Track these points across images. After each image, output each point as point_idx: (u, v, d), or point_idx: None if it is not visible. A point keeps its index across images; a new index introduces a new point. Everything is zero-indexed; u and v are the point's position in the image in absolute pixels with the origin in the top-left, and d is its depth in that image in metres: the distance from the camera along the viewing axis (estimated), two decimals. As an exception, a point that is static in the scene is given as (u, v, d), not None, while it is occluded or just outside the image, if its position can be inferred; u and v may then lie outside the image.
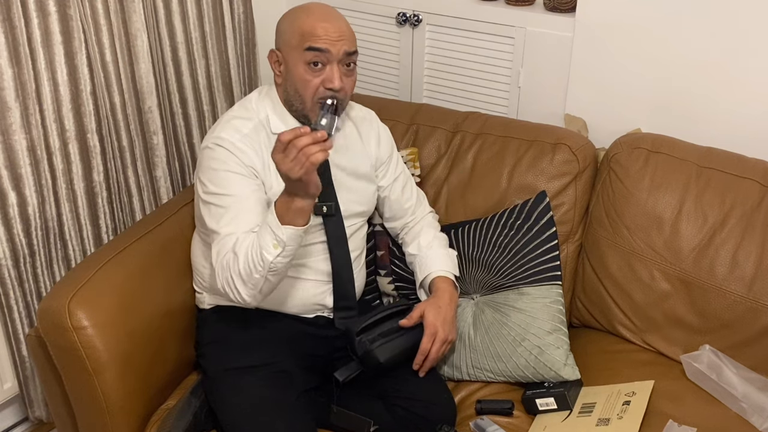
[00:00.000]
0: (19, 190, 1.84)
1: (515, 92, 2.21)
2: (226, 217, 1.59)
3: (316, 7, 1.66)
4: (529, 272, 1.83)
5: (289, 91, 1.66)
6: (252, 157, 1.63)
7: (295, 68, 1.62)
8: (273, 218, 1.48)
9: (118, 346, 1.60)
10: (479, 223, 1.91)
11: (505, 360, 1.78)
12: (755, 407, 1.61)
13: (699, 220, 1.78)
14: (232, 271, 1.54)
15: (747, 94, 1.88)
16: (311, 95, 1.62)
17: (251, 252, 1.51)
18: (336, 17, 1.65)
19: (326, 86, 1.61)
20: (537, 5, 2.15)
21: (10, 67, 1.74)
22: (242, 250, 1.53)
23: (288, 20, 1.66)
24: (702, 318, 1.77)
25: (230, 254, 1.55)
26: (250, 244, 1.52)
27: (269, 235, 1.48)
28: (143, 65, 2.06)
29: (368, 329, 1.68)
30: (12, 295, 1.91)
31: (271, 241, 1.48)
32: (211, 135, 1.67)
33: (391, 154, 1.87)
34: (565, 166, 1.92)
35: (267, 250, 1.49)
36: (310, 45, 1.59)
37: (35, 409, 2.09)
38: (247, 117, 1.69)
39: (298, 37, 1.61)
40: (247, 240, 1.53)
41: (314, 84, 1.61)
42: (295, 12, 1.67)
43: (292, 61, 1.62)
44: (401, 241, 1.93)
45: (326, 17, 1.63)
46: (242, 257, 1.52)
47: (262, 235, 1.50)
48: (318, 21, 1.61)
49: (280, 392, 1.62)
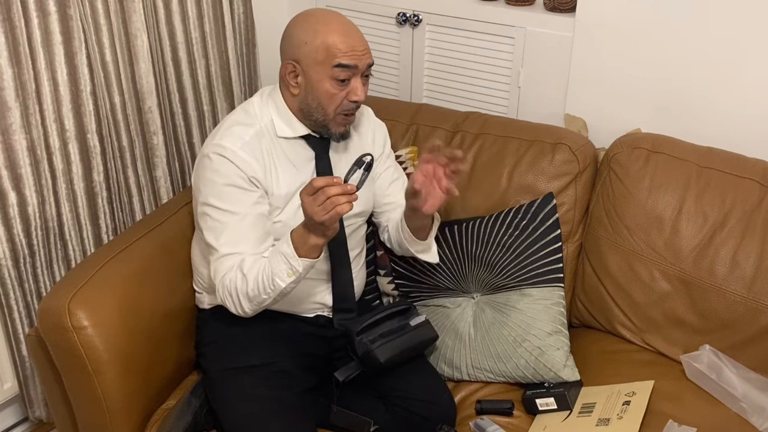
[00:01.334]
0: (19, 190, 1.84)
1: (515, 92, 2.21)
2: (226, 235, 1.60)
3: (334, 18, 1.64)
4: (531, 273, 1.83)
5: (311, 104, 1.64)
6: (254, 165, 1.62)
7: (320, 83, 1.61)
8: (290, 250, 1.52)
9: (118, 346, 1.60)
10: (483, 221, 1.91)
11: (505, 360, 1.78)
12: (755, 407, 1.61)
13: (699, 220, 1.78)
14: (239, 291, 1.57)
15: (747, 94, 1.88)
16: (335, 108, 1.63)
17: (262, 276, 1.54)
18: (355, 30, 1.64)
19: (351, 99, 1.63)
20: (537, 5, 2.15)
21: (10, 67, 1.74)
22: (252, 273, 1.55)
23: (305, 32, 1.61)
24: (702, 318, 1.77)
25: (237, 274, 1.57)
26: (261, 270, 1.55)
27: (284, 264, 1.52)
28: (143, 65, 2.05)
29: (368, 329, 1.68)
30: (12, 295, 1.91)
31: (285, 270, 1.53)
32: (211, 142, 1.65)
33: (383, 151, 1.86)
34: (565, 166, 1.92)
35: (280, 277, 1.53)
36: (339, 62, 1.58)
37: (35, 409, 2.09)
38: (248, 123, 1.67)
39: (323, 52, 1.59)
40: (257, 265, 1.56)
41: (340, 97, 1.62)
42: (311, 24, 1.62)
43: (317, 76, 1.61)
44: (386, 236, 1.89)
45: (348, 31, 1.62)
46: (252, 280, 1.55)
47: (275, 262, 1.53)
48: (343, 36, 1.60)
49: (280, 392, 1.62)
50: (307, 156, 1.71)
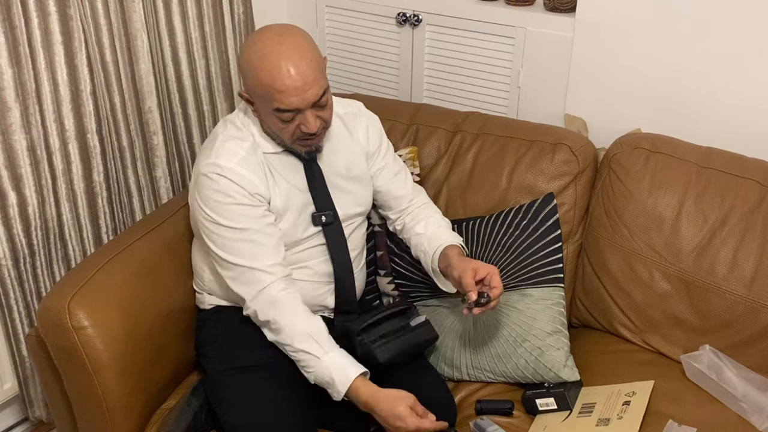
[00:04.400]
0: (19, 190, 1.84)
1: (515, 92, 2.21)
2: (241, 250, 1.60)
3: (270, 50, 1.50)
4: (531, 273, 1.83)
5: (268, 130, 1.63)
6: (254, 180, 1.61)
7: (267, 117, 1.58)
8: (342, 388, 1.53)
9: (118, 346, 1.60)
10: (483, 220, 1.91)
11: (505, 360, 1.78)
12: (755, 407, 1.61)
13: (699, 220, 1.78)
14: (278, 339, 1.60)
15: (747, 94, 1.88)
16: (289, 137, 1.59)
17: (303, 359, 1.57)
18: (294, 61, 1.49)
19: (302, 130, 1.57)
20: (537, 5, 2.15)
21: (10, 67, 1.74)
22: (299, 352, 1.57)
23: (246, 64, 1.54)
24: (702, 318, 1.77)
25: (284, 320, 1.58)
26: (306, 358, 1.56)
27: (327, 383, 1.55)
28: (143, 65, 2.06)
29: (368, 329, 1.68)
30: (12, 295, 1.91)
31: (323, 383, 1.56)
32: (206, 161, 1.61)
33: (379, 145, 1.83)
34: (565, 166, 1.92)
35: (316, 379, 1.57)
36: (277, 107, 1.51)
37: (35, 409, 2.09)
38: (241, 137, 1.64)
39: (264, 91, 1.51)
40: (307, 355, 1.56)
41: (290, 129, 1.57)
42: (250, 57, 1.53)
43: (264, 110, 1.57)
44: (400, 226, 1.88)
45: (282, 68, 1.48)
46: (293, 353, 1.58)
47: (322, 371, 1.55)
48: (277, 76, 1.48)
49: (280, 392, 1.62)
50: (296, 165, 1.69)
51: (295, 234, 1.68)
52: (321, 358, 1.55)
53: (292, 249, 1.70)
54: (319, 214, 1.70)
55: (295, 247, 1.70)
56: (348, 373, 1.54)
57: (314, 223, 1.70)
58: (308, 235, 1.70)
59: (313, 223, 1.70)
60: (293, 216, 1.67)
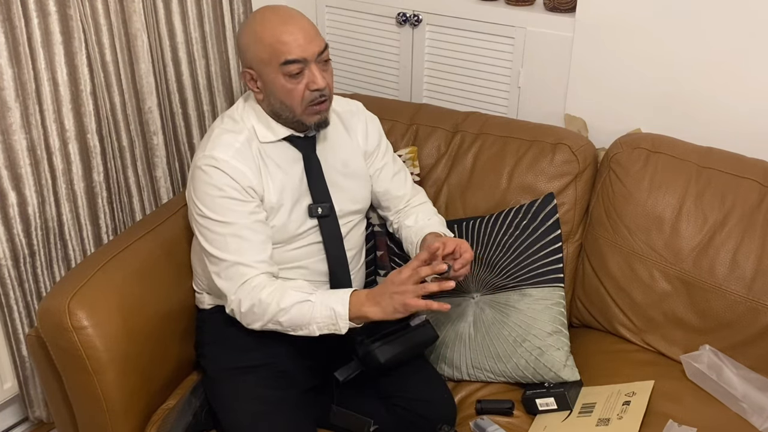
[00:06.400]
0: (19, 190, 1.84)
1: (515, 92, 2.21)
2: (228, 245, 1.60)
3: (270, 14, 1.60)
4: (531, 273, 1.83)
5: (274, 104, 1.63)
6: (248, 174, 1.61)
7: (274, 82, 1.60)
8: (343, 311, 1.53)
9: (118, 346, 1.60)
10: (483, 220, 1.91)
11: (505, 360, 1.78)
12: (755, 407, 1.61)
13: (699, 220, 1.78)
14: (266, 316, 1.57)
15: (747, 94, 1.88)
16: (299, 102, 1.61)
17: (299, 319, 1.55)
18: (296, 19, 1.60)
19: (311, 88, 1.59)
20: (537, 5, 2.15)
21: (10, 67, 1.74)
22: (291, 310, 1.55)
23: (248, 36, 1.61)
24: (702, 318, 1.77)
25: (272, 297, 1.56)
26: (300, 311, 1.55)
27: (329, 320, 1.54)
28: (143, 65, 2.06)
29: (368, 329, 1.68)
30: (12, 295, 1.91)
31: (328, 325, 1.54)
32: (202, 153, 1.63)
33: (378, 144, 1.84)
34: (565, 166, 1.92)
35: (319, 327, 1.55)
36: (285, 59, 1.56)
37: (35, 409, 2.09)
38: (237, 130, 1.66)
39: (268, 51, 1.56)
40: (295, 301, 1.55)
41: (299, 90, 1.59)
42: (251, 26, 1.61)
43: (269, 76, 1.59)
44: (397, 225, 1.88)
45: (287, 23, 1.58)
46: (287, 320, 1.56)
47: (320, 312, 1.54)
48: (281, 30, 1.56)
49: (280, 392, 1.62)
50: (293, 157, 1.70)
51: (289, 229, 1.68)
52: (313, 300, 1.56)
53: (287, 246, 1.69)
54: (315, 206, 1.70)
55: (290, 244, 1.70)
56: (341, 294, 1.55)
57: (310, 214, 1.69)
58: (303, 231, 1.70)
59: (309, 214, 1.70)
60: (287, 210, 1.67)
